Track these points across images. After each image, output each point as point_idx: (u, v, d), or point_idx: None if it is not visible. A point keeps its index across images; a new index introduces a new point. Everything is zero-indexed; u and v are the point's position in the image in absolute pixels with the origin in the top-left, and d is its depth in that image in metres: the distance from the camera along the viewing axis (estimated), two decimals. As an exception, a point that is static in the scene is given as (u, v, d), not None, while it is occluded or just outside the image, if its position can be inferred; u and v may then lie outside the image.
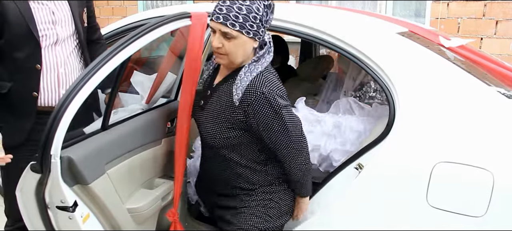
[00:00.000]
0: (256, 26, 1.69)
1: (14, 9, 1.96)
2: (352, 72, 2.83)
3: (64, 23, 2.12)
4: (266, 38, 1.79)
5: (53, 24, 2.07)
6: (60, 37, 2.10)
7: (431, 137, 1.77)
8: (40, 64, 2.04)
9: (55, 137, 1.65)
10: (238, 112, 1.75)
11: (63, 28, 2.11)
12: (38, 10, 2.04)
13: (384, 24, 2.39)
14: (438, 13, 4.86)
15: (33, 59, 2.03)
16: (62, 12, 2.12)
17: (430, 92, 1.86)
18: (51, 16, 2.07)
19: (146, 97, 2.30)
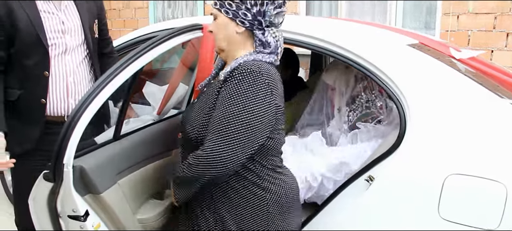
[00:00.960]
0: (236, 7, 1.58)
1: (25, 18, 1.99)
2: (341, 87, 2.75)
3: (73, 33, 2.14)
4: (269, 38, 1.62)
5: (62, 33, 2.10)
6: (69, 47, 2.12)
7: (442, 149, 1.77)
8: (48, 71, 2.07)
9: (68, 147, 1.67)
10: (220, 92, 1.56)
11: (72, 38, 2.14)
12: (48, 19, 2.06)
13: (394, 35, 2.39)
14: (448, 25, 4.86)
15: (41, 66, 2.06)
16: (71, 22, 2.14)
17: (441, 104, 1.85)
18: (61, 25, 2.10)
19: (157, 108, 2.31)
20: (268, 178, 1.64)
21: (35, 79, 2.06)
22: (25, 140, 2.06)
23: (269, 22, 1.62)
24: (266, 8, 1.59)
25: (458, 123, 1.80)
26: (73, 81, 2.14)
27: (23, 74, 2.05)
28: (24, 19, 1.99)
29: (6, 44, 2.01)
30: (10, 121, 1.98)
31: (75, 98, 2.14)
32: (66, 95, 2.12)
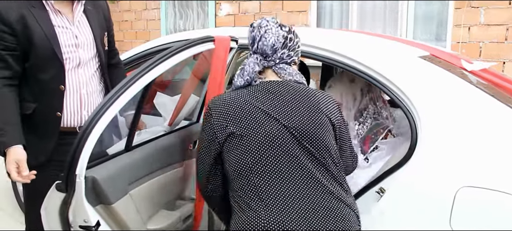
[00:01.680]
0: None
1: (40, 33, 2.02)
2: (348, 102, 2.73)
3: (86, 47, 2.17)
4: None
5: (76, 47, 2.13)
6: (83, 60, 2.15)
7: (454, 161, 1.76)
8: (64, 85, 2.09)
9: (81, 158, 1.69)
10: None
11: (85, 51, 2.16)
12: (62, 34, 2.09)
13: (405, 47, 2.39)
14: (459, 37, 4.84)
15: (57, 80, 2.08)
16: (84, 35, 2.17)
17: (452, 116, 1.84)
18: (74, 39, 2.13)
19: (168, 119, 2.33)
20: (235, 206, 1.65)
21: (50, 93, 2.08)
22: (40, 152, 2.08)
23: (252, 52, 1.79)
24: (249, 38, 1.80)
25: (470, 135, 1.79)
26: (86, 93, 2.16)
27: (39, 88, 2.08)
28: (40, 34, 2.02)
29: (21, 58, 2.03)
30: (25, 134, 1.99)
31: (88, 109, 2.17)
32: (80, 107, 2.15)
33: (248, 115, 1.65)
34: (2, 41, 1.99)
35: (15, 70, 2.03)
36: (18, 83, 2.06)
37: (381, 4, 5.57)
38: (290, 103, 1.68)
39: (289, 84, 1.74)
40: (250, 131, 1.62)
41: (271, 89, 1.71)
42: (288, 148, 1.60)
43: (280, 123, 1.63)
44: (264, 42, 1.72)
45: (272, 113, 1.65)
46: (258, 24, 1.76)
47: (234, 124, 1.64)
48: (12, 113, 1.99)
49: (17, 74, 2.04)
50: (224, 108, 1.69)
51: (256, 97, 1.69)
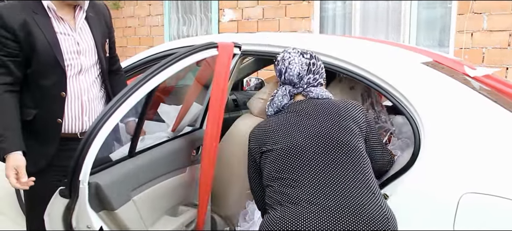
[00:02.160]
0: None
1: (43, 39, 2.03)
2: None
3: (87, 53, 2.17)
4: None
5: (77, 54, 2.13)
6: (84, 67, 2.15)
7: (458, 167, 1.75)
8: (65, 91, 2.10)
9: (84, 164, 1.69)
10: None
11: (87, 58, 2.17)
12: (64, 41, 2.09)
13: (408, 54, 2.39)
14: (462, 43, 4.84)
15: (58, 87, 2.09)
16: (86, 42, 2.17)
17: (455, 122, 1.84)
18: (76, 46, 2.13)
19: (172, 125, 2.33)
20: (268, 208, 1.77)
21: (51, 99, 2.09)
22: (40, 158, 2.09)
23: (281, 82, 1.99)
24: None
25: (473, 141, 1.78)
26: (87, 99, 2.17)
27: (40, 94, 2.08)
28: (42, 40, 2.03)
29: (23, 64, 2.04)
30: (25, 140, 2.00)
31: (89, 116, 2.17)
32: (81, 113, 2.15)
33: (276, 132, 1.84)
34: (4, 47, 1.99)
35: (17, 76, 2.03)
36: (19, 89, 2.06)
37: (384, 10, 5.58)
38: (314, 113, 1.84)
39: (313, 99, 1.91)
40: (278, 144, 1.79)
41: (296, 108, 1.89)
42: (314, 153, 1.73)
43: (305, 131, 1.79)
44: (290, 73, 1.91)
45: (297, 125, 1.82)
46: (282, 58, 1.95)
47: (266, 144, 1.84)
48: (13, 119, 1.99)
49: (18, 80, 2.05)
50: (258, 133, 1.90)
51: (285, 117, 1.88)
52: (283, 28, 6.27)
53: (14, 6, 2.05)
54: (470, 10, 4.75)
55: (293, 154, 1.75)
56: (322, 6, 6.06)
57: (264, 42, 2.44)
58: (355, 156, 1.73)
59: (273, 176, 1.75)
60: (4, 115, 1.98)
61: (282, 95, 1.92)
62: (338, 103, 1.88)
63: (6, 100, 1.99)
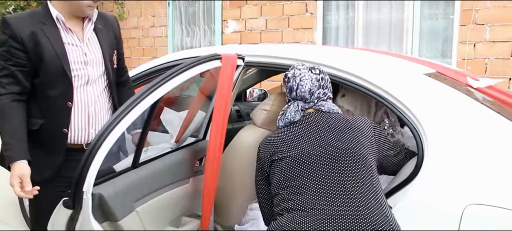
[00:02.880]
0: None
1: (51, 50, 2.05)
2: (363, 112, 2.73)
3: (95, 64, 2.19)
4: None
5: (85, 65, 2.14)
6: (91, 78, 2.17)
7: (461, 178, 1.75)
8: (71, 101, 2.11)
9: (88, 175, 1.70)
10: None
11: (94, 69, 2.18)
12: (72, 52, 2.11)
13: (411, 65, 2.40)
14: (465, 54, 4.84)
15: (65, 97, 2.10)
16: (94, 53, 2.19)
17: (459, 133, 1.84)
18: (84, 57, 2.14)
19: (175, 136, 2.34)
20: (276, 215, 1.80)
21: (58, 109, 2.10)
22: (46, 168, 2.09)
23: (291, 98, 2.02)
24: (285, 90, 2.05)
25: (477, 152, 1.78)
26: (94, 110, 2.17)
27: (46, 104, 2.10)
28: (50, 51, 2.05)
29: (31, 74, 2.06)
30: (31, 150, 2.01)
31: (95, 127, 2.18)
32: (87, 124, 2.16)
33: (287, 141, 1.88)
34: (13, 57, 2.02)
35: (24, 85, 2.05)
36: (26, 99, 2.08)
37: (386, 21, 5.60)
38: (325, 125, 1.89)
39: (325, 113, 1.95)
40: (289, 153, 1.83)
41: (308, 119, 1.94)
42: (323, 161, 1.77)
43: (315, 141, 1.83)
44: (301, 89, 1.96)
45: (308, 135, 1.87)
46: (292, 75, 1.99)
47: (277, 153, 1.87)
48: (20, 128, 2.01)
49: (26, 89, 2.07)
50: (269, 143, 1.93)
51: (296, 128, 1.92)
52: (286, 39, 6.30)
53: (23, 16, 2.08)
54: (472, 21, 4.76)
55: (303, 162, 1.78)
56: (325, 17, 6.08)
57: (267, 53, 2.46)
58: (363, 167, 1.76)
59: (282, 184, 1.78)
60: (11, 124, 2.00)
61: (295, 111, 1.96)
62: (348, 117, 1.95)
63: (13, 109, 2.01)
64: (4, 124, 2.01)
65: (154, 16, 8.12)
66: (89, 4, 2.10)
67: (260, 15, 6.56)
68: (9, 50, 2.02)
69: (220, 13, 7.10)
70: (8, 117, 2.00)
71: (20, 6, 10.23)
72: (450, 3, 5.06)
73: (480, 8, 4.71)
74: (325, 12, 6.08)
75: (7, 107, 2.01)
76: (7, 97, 2.01)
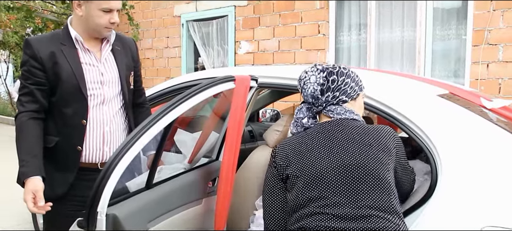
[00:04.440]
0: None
1: (68, 69, 2.11)
2: None
3: (111, 84, 2.23)
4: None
5: (101, 85, 2.19)
6: (107, 97, 2.21)
7: (476, 200, 1.73)
8: (86, 120, 2.15)
9: (103, 195, 1.71)
10: None
11: (110, 89, 2.22)
12: (88, 71, 2.16)
13: (424, 86, 2.39)
14: (478, 74, 4.82)
15: (80, 115, 2.14)
16: (110, 73, 2.23)
17: (473, 155, 1.83)
18: (100, 77, 2.19)
19: (188, 157, 2.35)
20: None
21: (72, 127, 2.14)
22: (59, 185, 2.13)
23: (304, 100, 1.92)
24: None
25: (491, 174, 1.77)
26: (109, 130, 2.21)
27: (62, 122, 2.14)
28: (67, 70, 2.11)
29: (48, 93, 2.12)
30: (45, 166, 2.04)
31: (110, 146, 2.21)
32: (102, 143, 2.19)
33: (302, 155, 1.77)
34: (32, 76, 2.08)
35: (42, 103, 2.11)
36: (44, 117, 2.13)
37: (398, 41, 5.61)
38: (342, 139, 1.77)
39: (341, 123, 1.83)
40: (305, 171, 1.73)
41: (323, 130, 1.82)
42: (342, 183, 1.68)
43: (333, 160, 1.72)
44: (305, 93, 1.88)
45: (324, 151, 1.75)
46: (299, 77, 1.91)
47: (291, 166, 1.77)
48: (35, 145, 2.05)
49: (43, 108, 2.12)
50: (285, 152, 1.82)
51: (311, 140, 1.81)
52: (298, 60, 6.33)
53: (44, 38, 2.17)
54: (485, 41, 4.75)
55: (322, 184, 1.69)
56: (337, 38, 6.12)
57: (280, 75, 2.48)
58: (384, 187, 1.68)
59: (300, 204, 1.71)
60: (27, 141, 2.04)
61: (302, 113, 1.89)
62: (368, 129, 1.81)
63: (30, 127, 2.06)
64: (21, 141, 2.05)
65: (168, 37, 8.22)
66: (106, 26, 2.15)
67: (273, 36, 6.62)
68: (29, 70, 2.09)
69: (233, 34, 7.17)
70: (25, 134, 2.05)
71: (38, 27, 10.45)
72: (462, 23, 5.06)
73: (493, 28, 4.71)
74: (337, 33, 6.11)
75: (24, 125, 2.06)
76: (25, 115, 2.08)
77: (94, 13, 2.11)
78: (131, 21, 8.37)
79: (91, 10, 2.11)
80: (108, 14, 2.13)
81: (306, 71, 1.89)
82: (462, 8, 5.08)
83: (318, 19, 6.11)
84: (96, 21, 2.13)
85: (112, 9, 2.14)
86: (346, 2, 6.03)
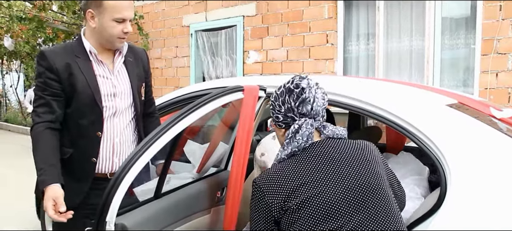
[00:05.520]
0: (274, 114, 1.81)
1: (83, 81, 2.13)
2: None
3: (123, 96, 2.25)
4: (291, 127, 1.73)
5: (113, 97, 2.21)
6: (119, 109, 2.22)
7: (485, 210, 1.72)
8: (101, 132, 2.17)
9: (112, 205, 1.72)
10: None
11: (122, 100, 2.24)
12: (102, 84, 2.18)
13: (432, 95, 2.39)
14: (487, 83, 4.80)
15: (96, 127, 2.17)
16: (122, 85, 2.25)
17: (482, 164, 1.82)
18: (113, 89, 2.21)
19: (197, 167, 2.36)
20: None
21: (88, 139, 2.17)
22: (75, 195, 2.13)
23: (299, 114, 1.74)
24: (288, 103, 1.74)
25: (501, 185, 1.76)
26: (119, 141, 2.23)
27: (77, 133, 2.16)
28: (83, 82, 2.13)
29: (64, 104, 2.14)
30: None
31: (119, 157, 2.22)
32: (112, 154, 2.21)
33: (300, 184, 1.60)
34: (48, 87, 2.10)
35: (58, 114, 2.13)
36: (60, 128, 2.14)
37: (407, 51, 5.60)
38: (339, 158, 1.66)
39: (332, 140, 1.73)
40: (310, 201, 1.57)
41: (317, 151, 1.68)
42: (350, 204, 1.57)
43: (338, 182, 1.60)
44: (317, 103, 1.75)
45: (323, 173, 1.62)
46: (307, 84, 1.75)
47: (290, 199, 1.59)
48: (53, 155, 2.06)
49: (59, 118, 2.14)
50: (277, 186, 1.63)
51: (305, 163, 1.66)
52: (307, 69, 6.34)
53: (58, 49, 2.18)
54: (494, 51, 4.73)
55: (331, 210, 1.56)
56: (346, 48, 6.12)
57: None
58: (387, 203, 1.64)
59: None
60: (44, 151, 2.06)
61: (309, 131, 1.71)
62: (358, 144, 1.75)
63: (47, 137, 2.08)
64: (38, 151, 2.07)
65: (177, 46, 8.28)
66: (120, 36, 2.17)
67: (281, 46, 6.64)
68: (45, 81, 2.11)
69: (241, 44, 7.20)
70: (42, 144, 2.07)
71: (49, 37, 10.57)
72: (471, 33, 5.05)
73: (502, 37, 4.69)
74: (345, 42, 6.12)
75: (40, 135, 2.08)
76: (41, 125, 2.09)
77: (108, 24, 2.13)
78: (140, 31, 8.44)
79: (105, 21, 2.13)
80: (121, 24, 2.15)
81: (309, 79, 1.76)
82: (471, 18, 5.06)
83: (326, 29, 6.13)
84: (110, 32, 2.15)
85: (125, 19, 2.16)
86: (355, 11, 6.04)
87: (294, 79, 1.76)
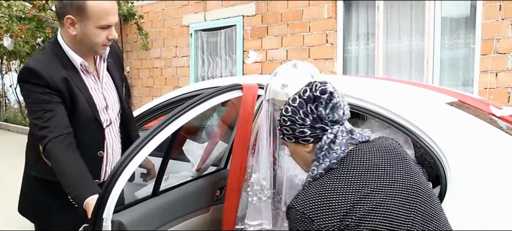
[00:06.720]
0: (291, 130, 1.52)
1: (83, 99, 1.99)
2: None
3: (113, 106, 2.16)
4: (324, 138, 1.49)
5: (106, 109, 2.11)
6: (111, 120, 2.14)
7: (485, 208, 1.72)
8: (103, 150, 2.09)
9: (108, 201, 1.71)
10: None
11: (113, 111, 2.15)
12: (96, 98, 2.06)
13: (433, 94, 2.38)
14: (487, 83, 4.80)
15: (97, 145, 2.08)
16: (111, 95, 2.15)
17: (482, 162, 1.82)
18: (104, 101, 2.11)
19: (196, 165, 2.35)
20: None
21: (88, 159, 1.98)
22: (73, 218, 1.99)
23: (330, 122, 1.50)
24: (318, 111, 1.49)
25: (501, 182, 1.75)
26: (112, 152, 2.15)
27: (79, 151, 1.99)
28: (83, 100, 1.99)
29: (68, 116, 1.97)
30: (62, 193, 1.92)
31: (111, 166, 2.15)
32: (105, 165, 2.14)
33: (361, 201, 1.40)
34: (52, 99, 1.92)
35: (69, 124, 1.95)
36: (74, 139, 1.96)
37: (406, 50, 5.60)
38: (386, 166, 1.48)
39: (372, 144, 1.54)
40: (370, 213, 1.38)
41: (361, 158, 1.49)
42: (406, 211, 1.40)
43: (392, 191, 1.42)
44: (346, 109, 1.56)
45: (381, 186, 1.44)
46: (333, 87, 1.55)
47: (348, 216, 1.38)
48: (81, 167, 1.90)
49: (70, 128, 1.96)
50: (327, 208, 1.40)
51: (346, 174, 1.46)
52: (306, 69, 6.32)
53: (45, 61, 1.96)
54: (493, 50, 4.73)
55: (393, 217, 1.38)
56: (345, 47, 6.12)
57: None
58: (434, 197, 1.50)
59: None
60: (70, 166, 1.88)
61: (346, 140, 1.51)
62: (389, 142, 1.58)
63: (68, 158, 1.90)
64: (61, 167, 1.88)
65: (177, 46, 8.28)
66: (104, 43, 2.00)
67: (281, 45, 6.64)
68: (45, 99, 1.91)
69: (241, 44, 7.20)
70: (63, 166, 1.88)
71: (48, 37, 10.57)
72: (471, 33, 5.04)
73: (501, 37, 4.69)
74: (345, 42, 6.12)
75: (59, 155, 1.88)
76: (56, 141, 1.88)
77: (91, 31, 1.93)
78: (140, 31, 8.43)
79: (88, 29, 1.93)
80: (106, 30, 1.96)
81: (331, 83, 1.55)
82: (471, 17, 5.06)
83: (326, 29, 6.12)
84: (94, 40, 1.96)
85: (111, 25, 1.97)
86: (354, 11, 6.04)
87: (314, 86, 1.52)
